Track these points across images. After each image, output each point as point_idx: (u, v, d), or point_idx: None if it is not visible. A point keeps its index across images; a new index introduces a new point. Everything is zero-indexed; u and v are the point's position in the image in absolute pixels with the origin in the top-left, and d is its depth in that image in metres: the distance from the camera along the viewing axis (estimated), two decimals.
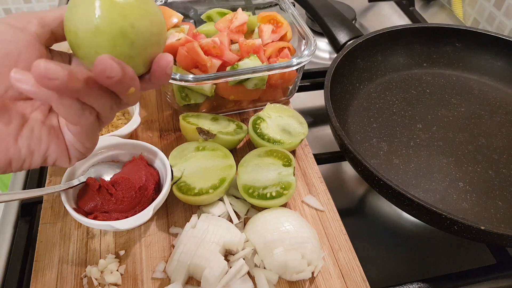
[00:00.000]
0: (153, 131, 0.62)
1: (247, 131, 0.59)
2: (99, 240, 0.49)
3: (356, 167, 0.52)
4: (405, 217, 0.59)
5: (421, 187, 0.55)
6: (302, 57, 0.58)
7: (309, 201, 0.53)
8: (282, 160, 0.53)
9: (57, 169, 0.55)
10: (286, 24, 0.65)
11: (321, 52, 0.89)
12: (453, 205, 0.53)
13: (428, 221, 0.47)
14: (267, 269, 0.45)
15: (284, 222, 0.46)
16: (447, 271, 0.50)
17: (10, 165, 0.29)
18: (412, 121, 0.64)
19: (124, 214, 0.46)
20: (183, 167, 0.52)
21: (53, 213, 0.51)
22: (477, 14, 0.95)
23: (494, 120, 0.64)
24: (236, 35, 0.62)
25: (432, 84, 0.71)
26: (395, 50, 0.72)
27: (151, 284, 0.45)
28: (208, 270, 0.42)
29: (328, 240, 0.49)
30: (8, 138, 0.29)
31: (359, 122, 0.63)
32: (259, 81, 0.59)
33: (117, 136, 0.53)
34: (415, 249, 0.56)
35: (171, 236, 0.49)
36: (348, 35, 0.68)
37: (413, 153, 0.59)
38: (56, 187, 0.46)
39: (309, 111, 0.75)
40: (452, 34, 0.72)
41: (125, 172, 0.48)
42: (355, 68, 0.68)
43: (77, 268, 0.46)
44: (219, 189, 0.49)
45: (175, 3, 0.70)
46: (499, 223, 0.51)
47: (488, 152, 0.59)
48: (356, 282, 0.46)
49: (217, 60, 0.58)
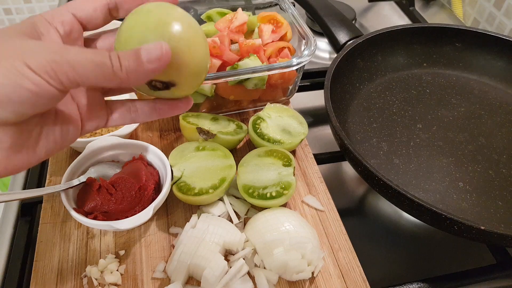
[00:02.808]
0: (153, 131, 0.62)
1: (247, 131, 0.59)
2: (99, 240, 0.48)
3: (356, 167, 0.52)
4: (405, 217, 0.59)
5: (421, 187, 0.55)
6: (302, 57, 0.58)
7: (309, 201, 0.53)
8: (282, 160, 0.53)
9: (57, 169, 0.55)
10: (286, 24, 0.65)
11: (321, 52, 0.89)
12: (453, 205, 0.53)
13: (428, 221, 0.47)
14: (267, 269, 0.45)
15: (284, 222, 0.46)
16: (447, 271, 0.49)
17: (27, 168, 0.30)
18: (412, 121, 0.64)
19: (124, 214, 0.46)
20: (183, 167, 0.52)
21: (53, 213, 0.51)
22: (477, 14, 0.95)
23: (494, 120, 0.64)
24: (236, 35, 0.62)
25: (432, 84, 0.71)
26: (395, 50, 0.72)
27: (151, 284, 0.45)
28: (208, 270, 0.42)
29: (328, 240, 0.49)
30: (28, 151, 0.29)
31: (359, 122, 0.63)
32: (259, 81, 0.59)
33: (117, 136, 0.53)
34: (415, 249, 0.56)
35: (171, 236, 0.49)
36: (348, 35, 0.68)
37: (413, 153, 0.59)
38: (56, 187, 0.46)
39: (309, 111, 0.75)
40: (452, 34, 0.72)
41: (125, 172, 0.48)
42: (355, 68, 0.68)
43: (77, 268, 0.46)
44: (219, 189, 0.49)
45: None
46: (499, 223, 0.51)
47: (488, 152, 0.59)
48: (356, 282, 0.46)
49: (217, 60, 0.58)
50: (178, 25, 0.30)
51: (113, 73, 0.27)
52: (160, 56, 0.28)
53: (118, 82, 0.28)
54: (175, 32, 0.30)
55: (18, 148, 0.28)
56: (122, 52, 0.28)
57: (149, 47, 0.28)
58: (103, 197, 0.46)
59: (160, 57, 0.28)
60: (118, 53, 0.28)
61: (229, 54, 0.59)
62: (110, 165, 0.51)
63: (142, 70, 0.28)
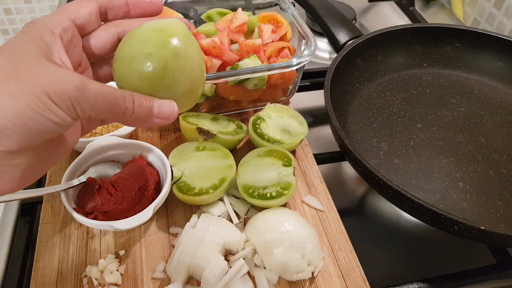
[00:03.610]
0: (153, 131, 0.62)
1: (247, 131, 0.59)
2: (99, 240, 0.48)
3: (356, 167, 0.52)
4: (405, 217, 0.59)
5: (421, 187, 0.55)
6: (302, 57, 0.58)
7: (309, 201, 0.53)
8: (282, 160, 0.53)
9: (57, 169, 0.55)
10: (286, 24, 0.65)
11: (321, 52, 0.89)
12: (453, 205, 0.53)
13: (428, 221, 0.47)
14: (267, 269, 0.45)
15: (284, 222, 0.46)
16: (447, 271, 0.50)
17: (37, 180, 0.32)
18: (412, 121, 0.64)
19: (124, 214, 0.46)
20: (183, 167, 0.52)
21: (53, 213, 0.51)
22: (477, 14, 0.95)
23: (494, 120, 0.64)
24: (236, 35, 0.62)
25: (432, 84, 0.71)
26: (395, 50, 0.72)
27: (151, 284, 0.45)
28: (208, 270, 0.42)
29: (328, 240, 0.49)
30: (40, 167, 0.31)
31: (359, 122, 0.63)
32: (259, 81, 0.59)
33: (117, 136, 0.53)
34: (415, 249, 0.56)
35: (171, 236, 0.49)
36: (348, 35, 0.68)
37: (413, 153, 0.59)
38: (56, 187, 0.46)
39: (309, 111, 0.75)
40: (452, 34, 0.72)
41: (125, 172, 0.48)
42: (355, 68, 0.68)
43: (77, 268, 0.46)
44: (219, 189, 0.49)
45: (175, 3, 0.70)
46: (499, 223, 0.51)
47: (488, 152, 0.59)
48: (356, 282, 0.46)
49: (217, 60, 0.58)
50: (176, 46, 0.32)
51: (123, 114, 0.29)
52: (170, 116, 0.31)
53: (123, 122, 0.30)
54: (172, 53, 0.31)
55: (32, 168, 0.29)
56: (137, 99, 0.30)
57: (162, 104, 0.31)
58: (103, 197, 0.46)
59: (169, 117, 0.31)
60: (133, 98, 0.30)
61: (229, 54, 0.59)
62: (110, 165, 0.51)
63: (149, 121, 0.30)
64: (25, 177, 0.29)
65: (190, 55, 0.33)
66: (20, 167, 0.28)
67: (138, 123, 0.30)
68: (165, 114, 0.31)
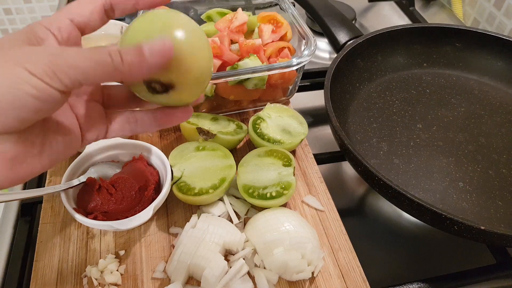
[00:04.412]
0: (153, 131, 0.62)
1: (247, 131, 0.59)
2: (99, 240, 0.49)
3: (356, 167, 0.52)
4: (405, 217, 0.59)
5: (421, 187, 0.55)
6: (302, 57, 0.58)
7: (309, 201, 0.53)
8: (282, 160, 0.53)
9: (57, 169, 0.55)
10: (286, 24, 0.65)
11: (321, 52, 0.89)
12: (453, 205, 0.53)
13: (428, 221, 0.47)
14: (267, 269, 0.45)
15: (284, 222, 0.46)
16: (447, 271, 0.50)
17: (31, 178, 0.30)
18: (412, 121, 0.64)
19: (124, 214, 0.46)
20: (183, 167, 0.52)
21: (53, 213, 0.51)
22: (477, 14, 0.95)
23: (494, 120, 0.64)
24: (236, 35, 0.62)
25: (432, 84, 0.71)
26: (395, 50, 0.72)
27: (151, 284, 0.45)
28: (208, 270, 0.42)
29: (328, 240, 0.49)
30: (32, 160, 0.29)
31: (359, 122, 0.63)
32: (259, 81, 0.59)
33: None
34: (415, 249, 0.56)
35: (171, 236, 0.49)
36: (348, 35, 0.68)
37: (413, 153, 0.59)
38: (56, 187, 0.46)
39: (309, 111, 0.75)
40: (452, 34, 0.72)
41: (125, 172, 0.48)
42: (355, 68, 0.68)
43: (77, 268, 0.46)
44: (219, 189, 0.49)
45: (175, 3, 0.70)
46: (499, 223, 0.51)
47: (488, 152, 0.59)
48: (356, 282, 0.46)
49: (217, 60, 0.58)
50: (182, 29, 0.30)
51: (114, 68, 0.27)
52: (162, 50, 0.28)
53: (120, 77, 0.28)
54: (179, 35, 0.30)
55: (22, 159, 0.28)
56: (123, 48, 0.28)
57: (151, 41, 0.28)
58: (103, 197, 0.46)
59: (162, 51, 0.28)
60: (119, 48, 0.28)
61: (229, 54, 0.59)
62: (110, 165, 0.51)
63: (144, 64, 0.28)
64: (13, 169, 0.27)
65: (199, 37, 0.32)
66: (5, 154, 0.27)
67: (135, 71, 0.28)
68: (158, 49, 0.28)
